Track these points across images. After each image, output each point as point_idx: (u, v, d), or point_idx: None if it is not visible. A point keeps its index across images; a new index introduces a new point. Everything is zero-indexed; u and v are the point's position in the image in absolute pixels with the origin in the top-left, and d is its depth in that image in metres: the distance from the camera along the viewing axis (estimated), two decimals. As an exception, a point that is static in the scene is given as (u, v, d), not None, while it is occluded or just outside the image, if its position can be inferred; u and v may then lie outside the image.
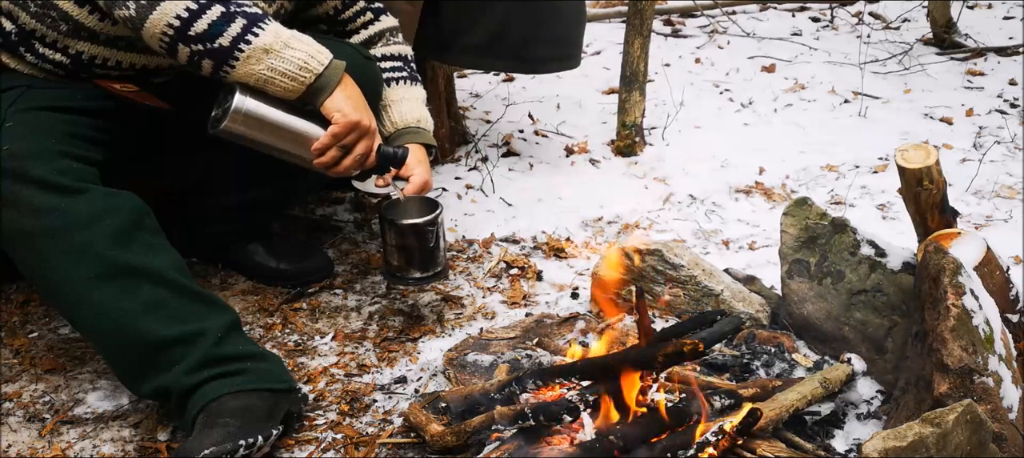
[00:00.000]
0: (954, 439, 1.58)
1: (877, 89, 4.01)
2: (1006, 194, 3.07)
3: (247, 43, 1.91)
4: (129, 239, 1.90)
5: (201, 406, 1.84)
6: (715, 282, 2.26)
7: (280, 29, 1.95)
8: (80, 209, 1.87)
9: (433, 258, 2.24)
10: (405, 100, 2.36)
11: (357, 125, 2.01)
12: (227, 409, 1.83)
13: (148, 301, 1.88)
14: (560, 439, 1.77)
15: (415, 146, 2.29)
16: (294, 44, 1.95)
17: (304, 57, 1.95)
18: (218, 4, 1.90)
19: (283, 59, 1.93)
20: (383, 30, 2.42)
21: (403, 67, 2.41)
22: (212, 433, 1.78)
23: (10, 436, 1.94)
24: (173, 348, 1.87)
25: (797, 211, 2.16)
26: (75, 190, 1.89)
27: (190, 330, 1.88)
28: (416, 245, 2.21)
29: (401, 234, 2.21)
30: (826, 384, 1.91)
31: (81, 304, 1.88)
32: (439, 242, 2.23)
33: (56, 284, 1.89)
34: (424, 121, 2.37)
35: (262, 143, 2.02)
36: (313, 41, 1.99)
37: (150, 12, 1.89)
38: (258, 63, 1.92)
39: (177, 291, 1.91)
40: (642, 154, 3.31)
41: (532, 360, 2.10)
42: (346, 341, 2.27)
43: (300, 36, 1.97)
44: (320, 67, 1.97)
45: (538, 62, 3.06)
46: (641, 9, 3.24)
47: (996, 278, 1.98)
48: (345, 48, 2.32)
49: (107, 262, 1.86)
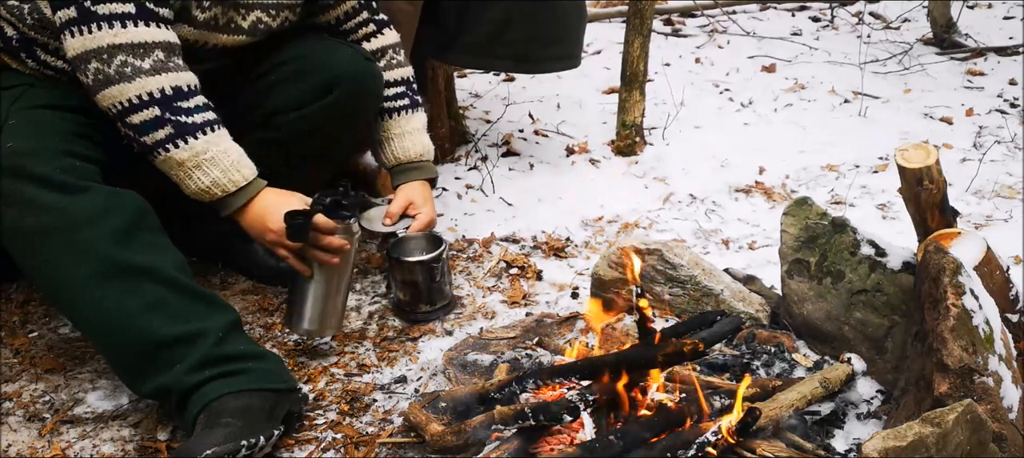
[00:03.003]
0: (954, 439, 1.58)
1: (877, 89, 4.01)
2: (1006, 194, 3.07)
3: (165, 150, 1.99)
4: (131, 238, 1.90)
5: (202, 406, 1.84)
6: (715, 282, 2.26)
7: (205, 148, 2.01)
8: (82, 207, 1.88)
9: (440, 292, 2.34)
10: (407, 133, 2.41)
11: (268, 244, 2.11)
12: (228, 409, 1.83)
13: (149, 300, 1.88)
14: (560, 439, 1.77)
15: (419, 184, 2.38)
16: (207, 167, 2.02)
17: (209, 183, 2.02)
18: (157, 106, 1.97)
19: (191, 177, 2.02)
20: (385, 46, 2.43)
21: (404, 93, 2.44)
22: (214, 433, 1.78)
23: (10, 436, 1.94)
24: (174, 347, 1.87)
25: (797, 211, 2.15)
26: (77, 188, 1.89)
27: (191, 330, 1.88)
28: (422, 281, 2.31)
29: (408, 271, 2.31)
30: (826, 384, 1.91)
31: (82, 302, 1.89)
32: (445, 276, 2.33)
33: (57, 282, 1.89)
34: (426, 153, 2.43)
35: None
36: (234, 167, 2.04)
37: (101, 89, 1.97)
38: (171, 169, 2.02)
39: (178, 290, 1.91)
40: (642, 154, 3.31)
41: (532, 360, 2.10)
42: (346, 341, 2.27)
43: (221, 162, 2.03)
44: (221, 194, 2.04)
45: (538, 62, 3.06)
46: (641, 9, 3.24)
47: (996, 278, 1.98)
48: (345, 49, 2.32)
49: (109, 261, 1.87)
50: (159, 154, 2.00)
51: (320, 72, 2.26)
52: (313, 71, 2.26)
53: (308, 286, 2.12)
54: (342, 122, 2.32)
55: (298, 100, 2.26)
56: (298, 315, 2.14)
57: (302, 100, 2.26)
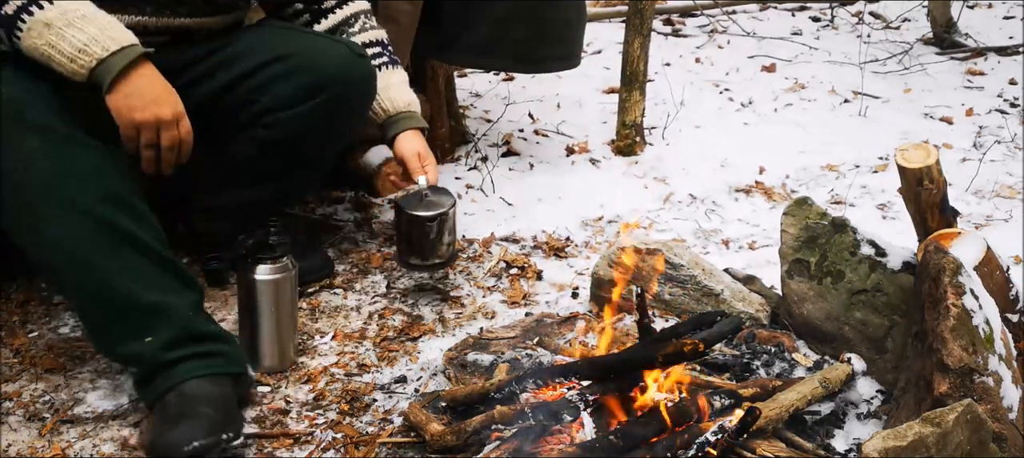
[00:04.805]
0: (954, 439, 1.58)
1: (877, 89, 4.01)
2: (1006, 194, 3.07)
3: (29, 14, 1.84)
4: (119, 202, 1.89)
5: (173, 384, 1.86)
6: (715, 282, 2.26)
7: (76, 7, 1.86)
8: (76, 160, 1.86)
9: (434, 250, 2.36)
10: (392, 86, 2.43)
11: (141, 124, 1.92)
12: (205, 396, 1.84)
13: (131, 264, 1.87)
14: (560, 439, 1.77)
15: (414, 133, 2.41)
16: (80, 25, 1.86)
17: (86, 40, 1.85)
18: None
19: (63, 37, 1.85)
20: (357, 12, 2.45)
21: (383, 52, 2.46)
22: (194, 424, 1.79)
23: (10, 436, 1.94)
24: (149, 315, 1.88)
25: (797, 211, 2.15)
26: (73, 141, 1.87)
27: (168, 301, 1.89)
28: (417, 236, 2.34)
29: (408, 223, 2.35)
30: (826, 384, 1.91)
31: (63, 255, 1.87)
32: (443, 236, 2.35)
33: (40, 233, 1.87)
34: (414, 104, 2.46)
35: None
36: (112, 26, 1.89)
37: None
38: (38, 38, 1.85)
39: (158, 262, 1.91)
40: (642, 154, 3.31)
41: (532, 360, 2.10)
42: (346, 341, 2.27)
43: (97, 19, 1.88)
44: (103, 53, 1.87)
45: (538, 62, 3.06)
46: (641, 9, 3.24)
47: (996, 278, 1.98)
48: (338, 46, 2.31)
49: (95, 218, 1.85)
50: (24, 21, 1.84)
51: (311, 71, 2.24)
52: (304, 70, 2.24)
53: (260, 325, 2.10)
54: (336, 120, 2.31)
55: (291, 99, 2.24)
56: (256, 354, 2.13)
57: (295, 99, 2.24)
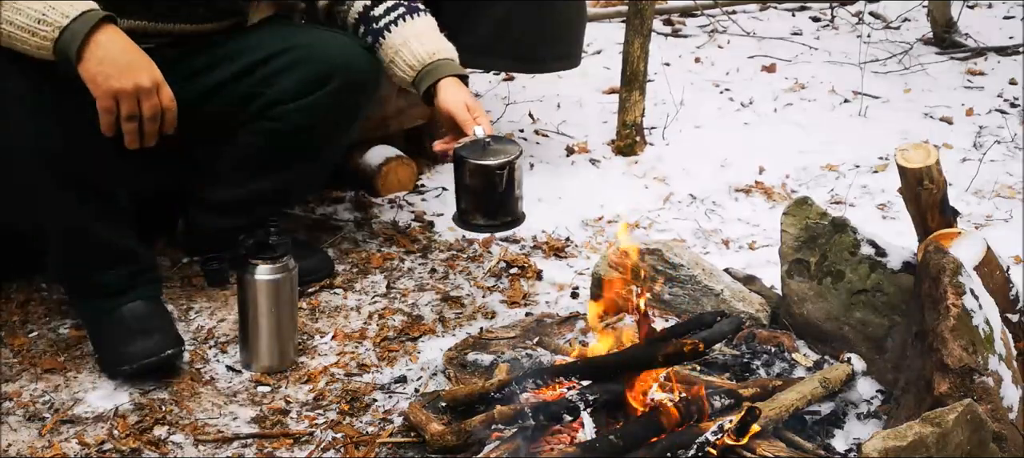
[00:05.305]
0: (954, 439, 1.58)
1: (877, 89, 4.01)
2: (1006, 194, 3.07)
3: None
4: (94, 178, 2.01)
5: (127, 302, 2.08)
6: (715, 282, 2.26)
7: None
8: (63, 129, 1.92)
9: (503, 205, 2.11)
10: (411, 38, 2.22)
11: (119, 93, 1.82)
12: (160, 312, 2.13)
13: (99, 211, 2.04)
14: (560, 439, 1.77)
15: (453, 82, 2.18)
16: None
17: (42, 8, 1.77)
18: None
19: (19, 11, 1.77)
20: None
21: (397, 5, 2.27)
22: (153, 337, 2.05)
23: (10, 435, 1.94)
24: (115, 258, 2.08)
25: (797, 211, 2.15)
26: (67, 90, 1.89)
27: (131, 245, 2.12)
28: (482, 189, 2.09)
29: (472, 175, 2.09)
30: (826, 384, 1.91)
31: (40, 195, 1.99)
32: (512, 189, 2.10)
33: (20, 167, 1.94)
34: (441, 51, 2.22)
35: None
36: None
37: None
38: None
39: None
40: (642, 154, 3.31)
41: (532, 360, 2.10)
42: (346, 341, 2.27)
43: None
44: (62, 19, 1.78)
45: (538, 62, 3.06)
46: (641, 9, 3.24)
47: (996, 278, 1.98)
48: (340, 39, 2.31)
49: (80, 179, 1.98)
50: None
51: (317, 61, 2.25)
52: (310, 61, 2.25)
53: (260, 325, 2.10)
54: (342, 112, 2.31)
55: (297, 90, 2.25)
56: (256, 354, 2.13)
57: (301, 90, 2.25)
